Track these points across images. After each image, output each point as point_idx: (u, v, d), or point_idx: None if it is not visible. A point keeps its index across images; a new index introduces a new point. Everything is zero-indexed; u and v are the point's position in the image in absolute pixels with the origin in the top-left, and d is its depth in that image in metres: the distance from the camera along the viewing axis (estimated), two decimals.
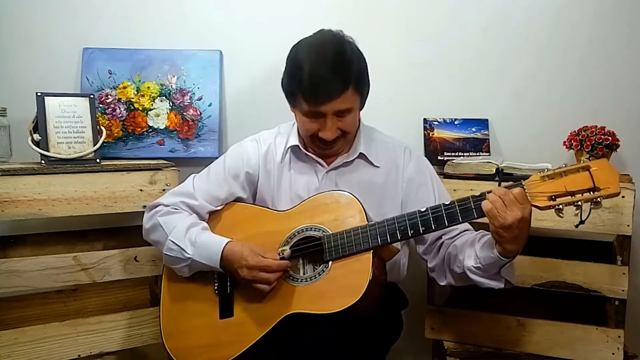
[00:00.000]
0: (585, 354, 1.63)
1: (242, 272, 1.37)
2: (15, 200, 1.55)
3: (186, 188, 1.54)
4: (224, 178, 1.54)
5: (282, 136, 1.58)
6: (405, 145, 1.59)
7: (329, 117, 1.40)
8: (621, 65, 1.96)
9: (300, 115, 1.45)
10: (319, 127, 1.42)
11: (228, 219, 1.53)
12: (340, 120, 1.42)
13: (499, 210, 1.22)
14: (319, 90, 1.37)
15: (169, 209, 1.50)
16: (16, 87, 1.83)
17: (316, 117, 1.41)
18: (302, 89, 1.38)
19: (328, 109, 1.39)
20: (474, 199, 1.29)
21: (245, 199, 1.57)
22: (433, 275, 1.54)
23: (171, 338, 1.46)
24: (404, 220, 1.35)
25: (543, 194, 1.22)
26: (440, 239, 1.49)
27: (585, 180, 1.19)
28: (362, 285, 1.29)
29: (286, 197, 1.54)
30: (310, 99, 1.38)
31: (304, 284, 1.38)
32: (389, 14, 2.02)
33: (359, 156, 1.53)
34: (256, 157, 1.56)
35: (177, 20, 1.97)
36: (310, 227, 1.43)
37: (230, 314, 1.43)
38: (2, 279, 1.57)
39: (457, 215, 1.31)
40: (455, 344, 1.73)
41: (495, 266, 1.32)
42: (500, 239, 1.26)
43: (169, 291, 1.51)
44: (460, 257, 1.40)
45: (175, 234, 1.44)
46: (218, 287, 1.46)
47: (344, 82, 1.37)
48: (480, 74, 2.04)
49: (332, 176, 1.53)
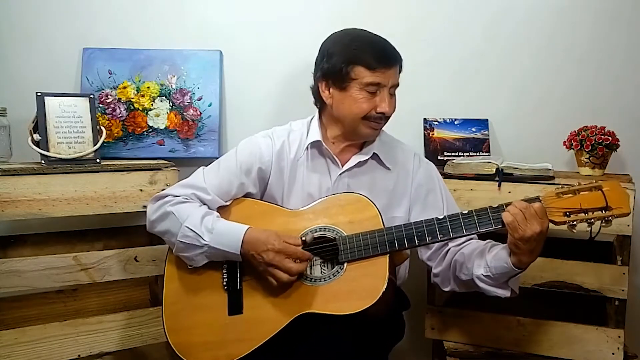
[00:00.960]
0: (585, 354, 1.63)
1: (267, 255, 1.34)
2: (15, 200, 1.55)
3: (197, 181, 1.50)
4: (236, 173, 1.50)
5: (296, 133, 1.56)
6: (414, 151, 1.61)
7: (386, 90, 1.42)
8: (621, 65, 1.96)
9: (353, 95, 1.43)
10: (374, 105, 1.42)
11: (238, 214, 1.50)
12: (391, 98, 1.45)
13: (520, 223, 1.26)
14: (385, 51, 1.42)
15: (180, 198, 1.46)
16: (16, 87, 1.83)
17: (373, 90, 1.41)
18: (365, 55, 1.40)
19: (390, 77, 1.42)
20: (492, 210, 1.32)
21: (254, 195, 1.54)
22: (436, 280, 1.55)
23: (175, 333, 1.42)
24: (422, 226, 1.35)
25: (559, 209, 1.28)
26: (446, 245, 1.50)
27: (599, 199, 1.26)
28: (379, 288, 1.30)
29: (297, 195, 1.52)
30: (378, 61, 1.40)
31: (318, 284, 1.37)
32: (389, 14, 2.02)
33: (373, 156, 1.53)
34: (269, 154, 1.53)
35: (177, 20, 1.97)
36: (323, 228, 1.42)
37: (240, 310, 1.40)
38: (2, 279, 1.56)
39: (474, 225, 1.32)
40: (455, 344, 1.73)
41: (505, 276, 1.35)
42: (518, 251, 1.29)
43: (172, 284, 1.47)
44: (469, 265, 1.41)
45: (190, 220, 1.40)
46: (227, 282, 1.43)
47: (399, 56, 1.45)
48: (480, 74, 2.04)
49: (345, 179, 1.52)
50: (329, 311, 1.32)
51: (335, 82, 1.44)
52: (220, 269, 1.44)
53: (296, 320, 1.34)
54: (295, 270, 1.34)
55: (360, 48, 1.41)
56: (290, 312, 1.35)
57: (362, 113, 1.43)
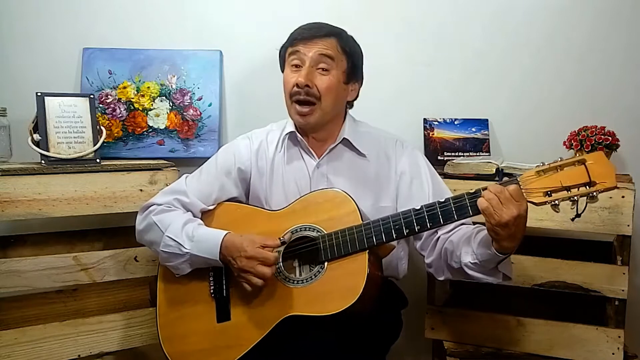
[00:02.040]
0: (585, 354, 1.63)
1: (241, 262, 1.34)
2: (15, 200, 1.55)
3: (178, 186, 1.53)
4: (216, 175, 1.53)
5: (275, 132, 1.59)
6: (397, 138, 1.58)
7: (307, 63, 1.44)
8: (621, 65, 1.96)
9: (285, 75, 1.49)
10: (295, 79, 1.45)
11: (221, 218, 1.51)
12: (319, 75, 1.45)
13: (495, 208, 1.21)
14: (303, 30, 1.47)
15: (163, 207, 1.49)
16: (16, 87, 1.83)
17: (296, 63, 1.46)
18: (292, 35, 1.49)
19: (308, 50, 1.44)
20: (469, 197, 1.28)
21: (238, 197, 1.56)
22: (430, 270, 1.53)
23: (169, 342, 1.45)
24: (399, 219, 1.33)
25: (539, 189, 1.21)
26: (436, 233, 1.48)
27: (581, 174, 1.18)
28: (358, 286, 1.29)
29: (279, 192, 1.53)
30: (293, 39, 1.47)
31: (300, 285, 1.37)
32: (389, 14, 2.02)
33: (343, 142, 1.52)
34: (248, 154, 1.55)
35: (177, 20, 1.97)
36: (305, 227, 1.41)
37: (228, 317, 1.42)
38: (2, 279, 1.56)
39: (452, 214, 1.29)
40: (455, 344, 1.73)
41: (492, 262, 1.32)
42: (497, 237, 1.24)
43: (163, 295, 1.50)
44: (457, 253, 1.39)
45: (171, 230, 1.42)
46: (214, 290, 1.44)
47: (329, 31, 1.48)
48: (480, 74, 2.04)
49: (323, 170, 1.52)
50: (312, 312, 1.31)
51: (281, 68, 1.54)
52: (207, 277, 1.46)
53: (282, 323, 1.34)
54: (270, 274, 1.33)
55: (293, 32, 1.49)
56: (275, 316, 1.35)
57: (288, 91, 1.47)
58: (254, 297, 1.39)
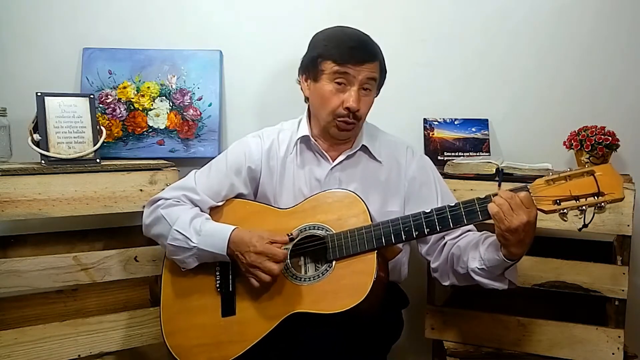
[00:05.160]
0: (585, 354, 1.63)
1: (249, 257, 1.35)
2: (15, 200, 1.55)
3: (188, 182, 1.53)
4: (226, 174, 1.53)
5: (286, 132, 1.58)
6: (407, 144, 1.60)
7: (356, 86, 1.41)
8: (621, 65, 1.96)
9: (323, 87, 1.44)
10: (342, 100, 1.42)
11: (229, 215, 1.52)
12: (363, 97, 1.44)
13: (506, 214, 1.23)
14: (353, 50, 1.41)
15: (171, 201, 1.50)
16: (16, 87, 1.83)
17: (341, 82, 1.41)
18: (333, 50, 1.41)
19: (357, 73, 1.41)
20: (479, 201, 1.30)
21: (247, 195, 1.56)
22: (436, 275, 1.54)
23: (172, 336, 1.45)
24: (409, 221, 1.35)
25: (548, 198, 1.24)
26: (443, 239, 1.49)
27: (590, 185, 1.21)
28: (366, 285, 1.30)
29: (289, 193, 1.53)
30: (344, 60, 1.40)
31: (307, 283, 1.38)
32: (389, 14, 2.02)
33: (361, 149, 1.53)
34: (259, 153, 1.55)
35: (177, 20, 1.97)
36: (313, 226, 1.42)
37: (233, 312, 1.42)
38: (2, 279, 1.56)
39: (462, 218, 1.31)
40: (455, 344, 1.73)
41: (499, 268, 1.33)
42: (506, 242, 1.26)
43: (169, 288, 1.50)
44: (464, 258, 1.40)
45: (179, 223, 1.43)
46: (220, 284, 1.45)
47: (376, 54, 1.45)
48: (480, 74, 2.04)
49: (336, 173, 1.52)
50: (318, 310, 1.32)
51: (310, 74, 1.47)
52: (214, 271, 1.46)
53: (287, 319, 1.35)
54: (278, 271, 1.34)
55: (330, 44, 1.43)
56: (281, 312, 1.36)
57: (330, 108, 1.44)
58: (259, 293, 1.39)
